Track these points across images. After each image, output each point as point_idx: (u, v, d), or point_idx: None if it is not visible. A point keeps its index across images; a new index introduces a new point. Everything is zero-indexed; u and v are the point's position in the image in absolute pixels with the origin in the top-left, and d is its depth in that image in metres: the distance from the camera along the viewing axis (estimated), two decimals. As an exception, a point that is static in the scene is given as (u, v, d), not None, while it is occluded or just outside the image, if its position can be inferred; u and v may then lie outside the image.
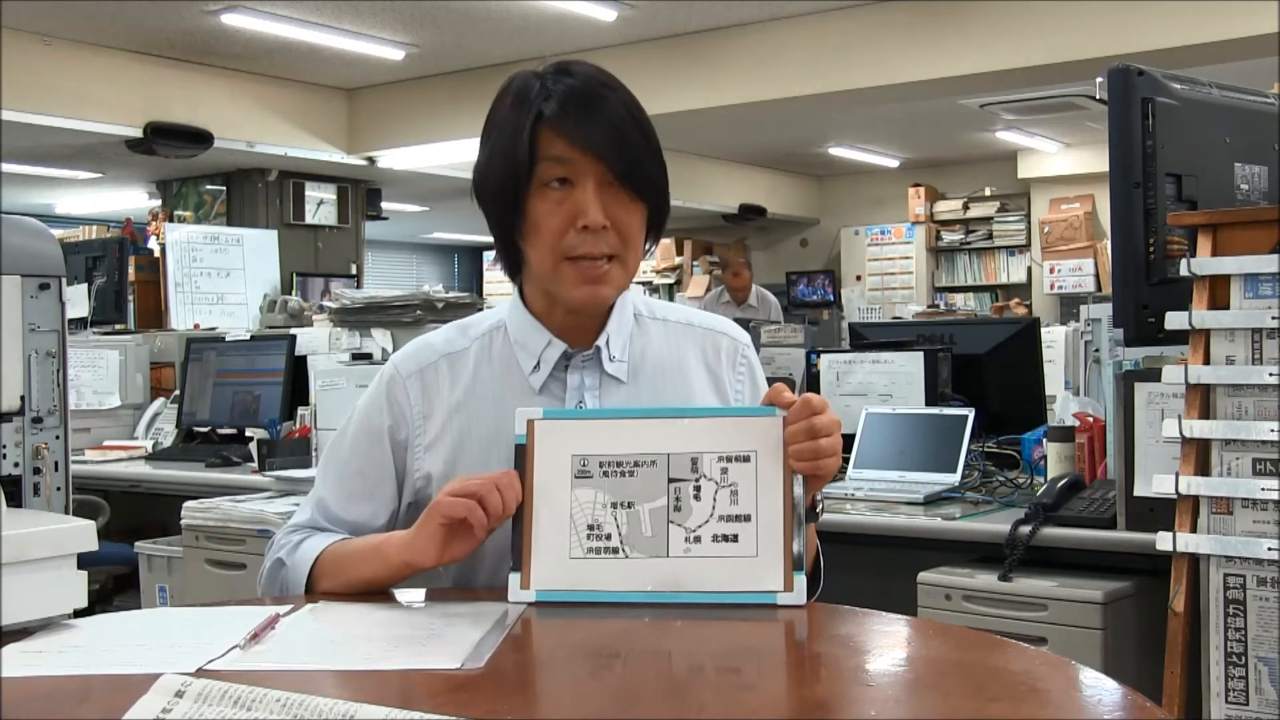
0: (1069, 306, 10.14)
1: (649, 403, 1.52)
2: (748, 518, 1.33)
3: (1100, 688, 1.05)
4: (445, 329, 1.58)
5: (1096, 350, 3.02)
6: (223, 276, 7.18)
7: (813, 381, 3.25)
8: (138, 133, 8.09)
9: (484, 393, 1.51)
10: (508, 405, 1.45)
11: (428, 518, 1.34)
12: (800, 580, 1.31)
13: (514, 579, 1.34)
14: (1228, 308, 2.11)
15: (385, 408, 1.52)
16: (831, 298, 12.51)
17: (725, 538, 1.33)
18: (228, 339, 4.51)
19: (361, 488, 1.52)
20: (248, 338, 4.56)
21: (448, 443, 1.50)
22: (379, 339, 4.27)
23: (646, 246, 1.53)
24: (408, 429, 1.51)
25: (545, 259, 1.45)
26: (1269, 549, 2.02)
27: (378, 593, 1.40)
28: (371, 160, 9.44)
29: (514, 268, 1.54)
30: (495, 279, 14.74)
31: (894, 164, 12.41)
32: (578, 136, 1.40)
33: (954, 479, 2.76)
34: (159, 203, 10.02)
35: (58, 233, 6.90)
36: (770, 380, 1.60)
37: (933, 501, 2.68)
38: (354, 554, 1.43)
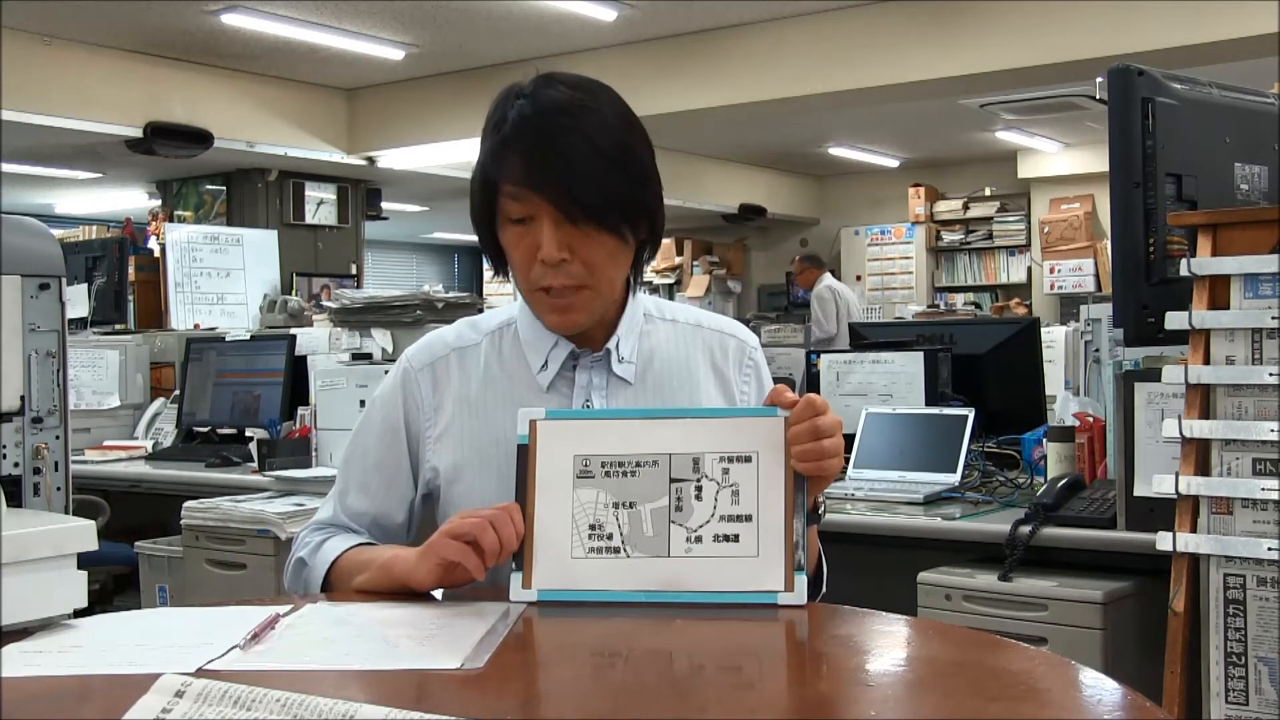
0: (1069, 306, 10.14)
1: (655, 404, 1.52)
2: (749, 518, 1.33)
3: (1100, 688, 1.05)
4: (457, 324, 1.60)
5: (1096, 350, 3.02)
6: (223, 276, 7.18)
7: (813, 381, 3.25)
8: (138, 133, 8.09)
9: (493, 389, 1.52)
10: (516, 402, 1.47)
11: (428, 552, 1.34)
12: (801, 580, 1.31)
13: (515, 578, 1.34)
14: (1228, 308, 2.10)
15: (399, 400, 1.55)
16: (832, 298, 12.49)
17: (726, 538, 1.33)
18: (228, 339, 4.52)
19: (379, 481, 1.55)
20: (248, 338, 4.56)
21: (455, 437, 1.51)
22: (379, 339, 4.27)
23: (645, 258, 1.52)
24: (419, 421, 1.54)
25: (521, 287, 1.48)
26: (1269, 549, 2.02)
27: (378, 592, 1.40)
28: (371, 160, 9.44)
29: None
30: (496, 279, 14.73)
31: (894, 164, 12.41)
32: (527, 177, 1.39)
33: (954, 479, 2.76)
34: (159, 203, 10.02)
35: (58, 233, 6.91)
36: (772, 381, 1.61)
37: (933, 501, 2.68)
38: (364, 565, 1.44)
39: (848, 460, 2.87)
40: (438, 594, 1.38)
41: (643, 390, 1.53)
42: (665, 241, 13.07)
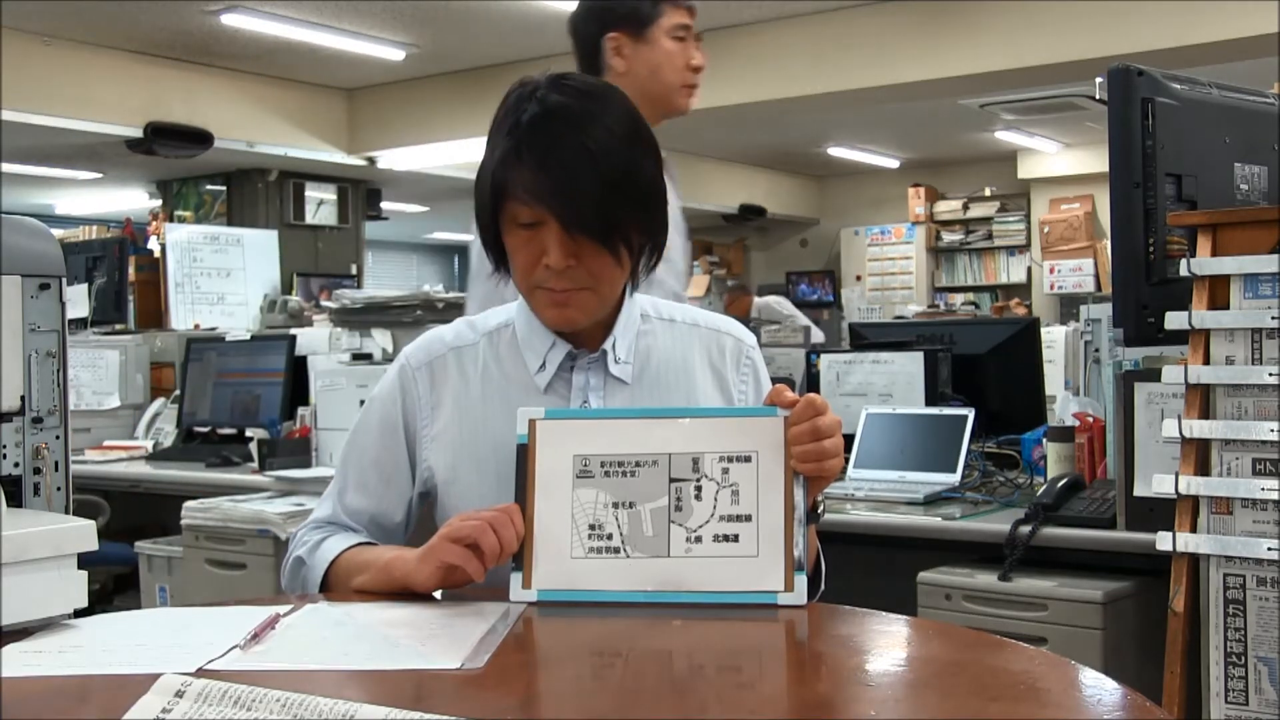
0: (1069, 306, 10.14)
1: (653, 404, 1.52)
2: (748, 518, 1.33)
3: (1100, 688, 1.05)
4: (456, 323, 1.61)
5: (1096, 350, 3.02)
6: (223, 276, 7.17)
7: (813, 381, 3.25)
8: (138, 133, 8.10)
9: (490, 390, 1.52)
10: (513, 403, 1.46)
11: (428, 555, 1.34)
12: (801, 580, 1.31)
13: (515, 578, 1.34)
14: (1228, 308, 2.11)
15: (398, 398, 1.55)
16: (831, 298, 12.53)
17: (726, 538, 1.33)
18: (228, 339, 4.51)
19: (377, 480, 1.55)
20: (248, 338, 4.56)
21: (452, 437, 1.52)
22: (379, 339, 4.27)
23: (648, 261, 1.51)
24: (417, 419, 1.54)
25: (521, 286, 1.50)
26: (1269, 549, 2.02)
27: (378, 593, 1.40)
28: (371, 160, 9.44)
29: None
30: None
31: (894, 164, 12.41)
32: (537, 191, 1.40)
33: (954, 479, 2.76)
34: (159, 203, 10.02)
35: (58, 233, 6.91)
36: (770, 380, 1.60)
37: (933, 501, 2.68)
38: (364, 565, 1.45)
39: (848, 460, 2.87)
40: (437, 594, 1.38)
41: (640, 390, 1.53)
42: (665, 241, 13.06)
